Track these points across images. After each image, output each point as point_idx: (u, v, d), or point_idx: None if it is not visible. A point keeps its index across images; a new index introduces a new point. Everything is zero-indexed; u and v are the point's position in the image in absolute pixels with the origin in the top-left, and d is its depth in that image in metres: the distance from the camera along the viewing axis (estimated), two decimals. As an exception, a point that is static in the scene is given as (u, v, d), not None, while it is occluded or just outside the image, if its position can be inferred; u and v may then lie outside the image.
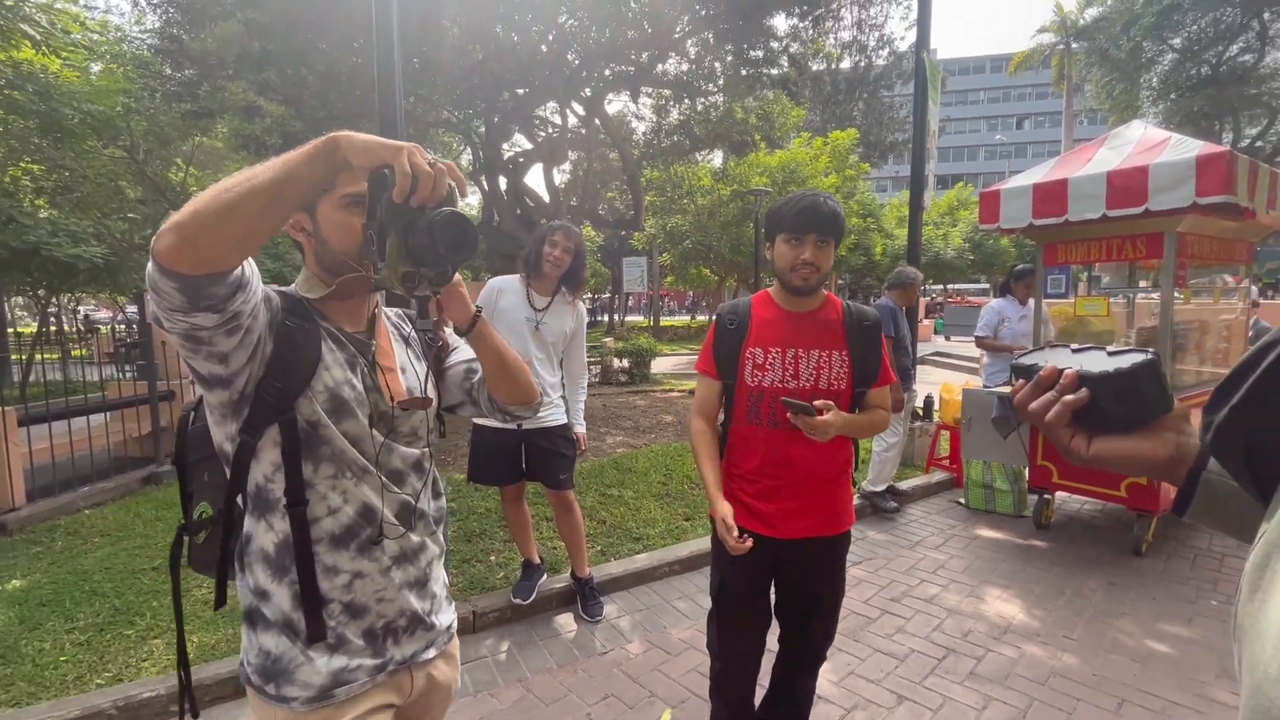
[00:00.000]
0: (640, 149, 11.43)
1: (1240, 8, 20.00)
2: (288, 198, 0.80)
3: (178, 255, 0.76)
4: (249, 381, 0.95)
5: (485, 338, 1.12)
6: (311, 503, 1.00)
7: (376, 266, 0.87)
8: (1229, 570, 3.53)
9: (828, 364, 1.73)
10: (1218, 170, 3.27)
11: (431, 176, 0.83)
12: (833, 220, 1.64)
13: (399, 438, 1.09)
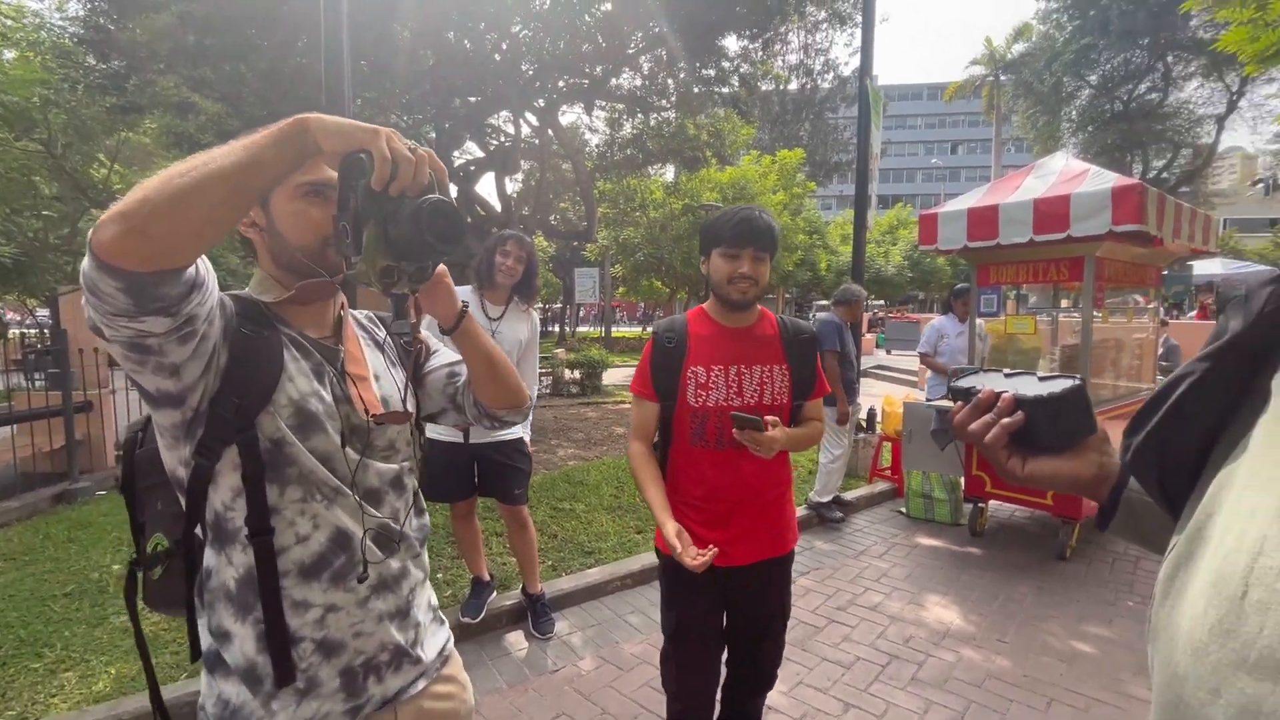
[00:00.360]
0: (594, 161, 11.47)
1: (1148, 50, 21.75)
2: (252, 184, 0.72)
3: (123, 248, 0.67)
4: (203, 398, 0.86)
5: (472, 336, 1.04)
6: (278, 530, 0.90)
7: (350, 261, 0.80)
8: (1143, 573, 3.78)
9: (770, 379, 1.71)
10: (1131, 201, 3.53)
11: (413, 162, 0.76)
12: (768, 234, 1.64)
13: (375, 453, 1.00)
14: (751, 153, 18.15)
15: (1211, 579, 0.40)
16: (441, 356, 1.17)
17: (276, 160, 0.72)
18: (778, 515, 1.77)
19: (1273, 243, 25.47)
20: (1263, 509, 0.38)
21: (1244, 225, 30.85)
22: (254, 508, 0.89)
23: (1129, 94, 22.91)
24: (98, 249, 0.68)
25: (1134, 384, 5.02)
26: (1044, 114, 25.78)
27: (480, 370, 1.08)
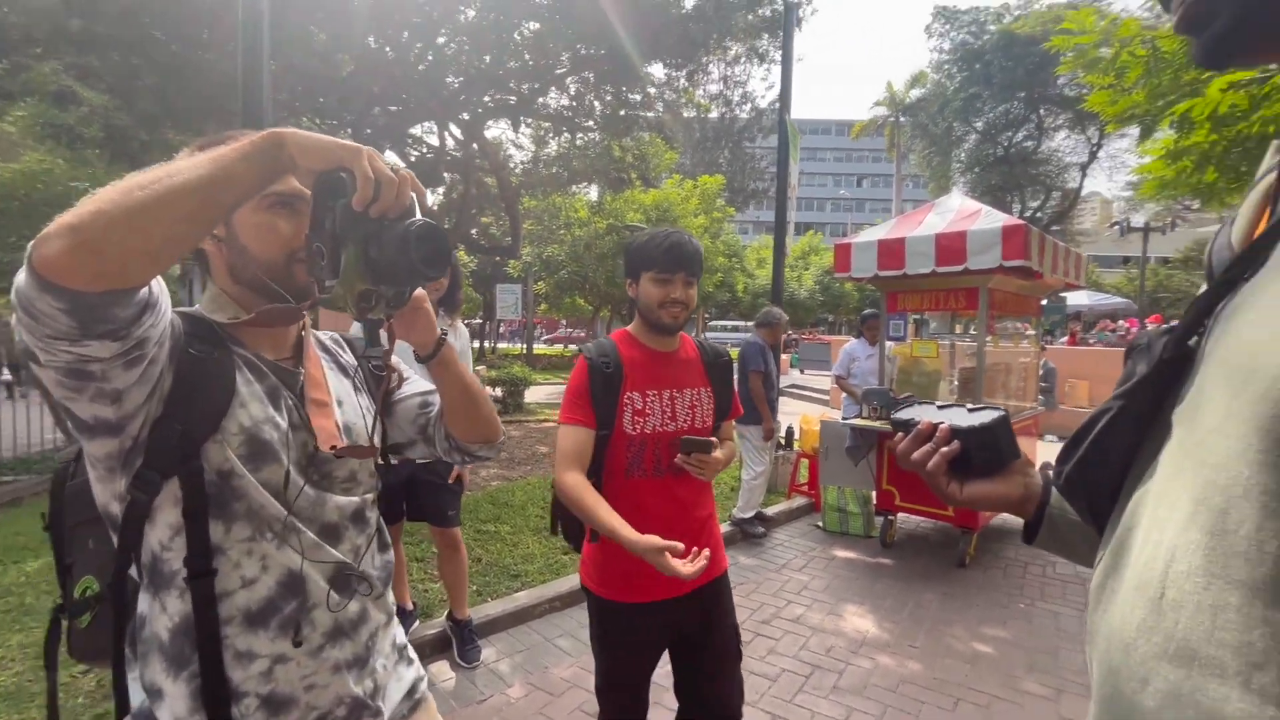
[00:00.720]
0: (519, 177, 11.40)
1: (1024, 103, 24.26)
2: (219, 200, 0.67)
3: (71, 265, 0.61)
4: (144, 425, 0.78)
5: (450, 365, 0.98)
6: (221, 572, 0.82)
7: (324, 284, 0.74)
8: (1031, 577, 4.14)
9: (698, 402, 1.71)
10: (1018, 239, 3.93)
11: (395, 183, 0.72)
12: (697, 258, 1.65)
13: (334, 484, 0.92)
14: (674, 176, 18.64)
15: (1134, 584, 0.47)
16: (413, 385, 1.11)
17: (247, 175, 0.67)
18: (710, 536, 1.73)
19: (1126, 277, 28.84)
20: (1172, 523, 0.45)
21: (1103, 261, 34.78)
22: (195, 547, 0.80)
23: (1009, 140, 25.47)
24: (40, 265, 0.61)
25: (1020, 403, 5.52)
26: (937, 154, 28.16)
27: (456, 401, 1.02)
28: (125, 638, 0.85)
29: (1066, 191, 26.36)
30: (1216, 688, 0.40)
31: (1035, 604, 3.72)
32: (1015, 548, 4.68)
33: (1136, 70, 3.74)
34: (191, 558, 0.80)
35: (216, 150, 0.67)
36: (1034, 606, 3.68)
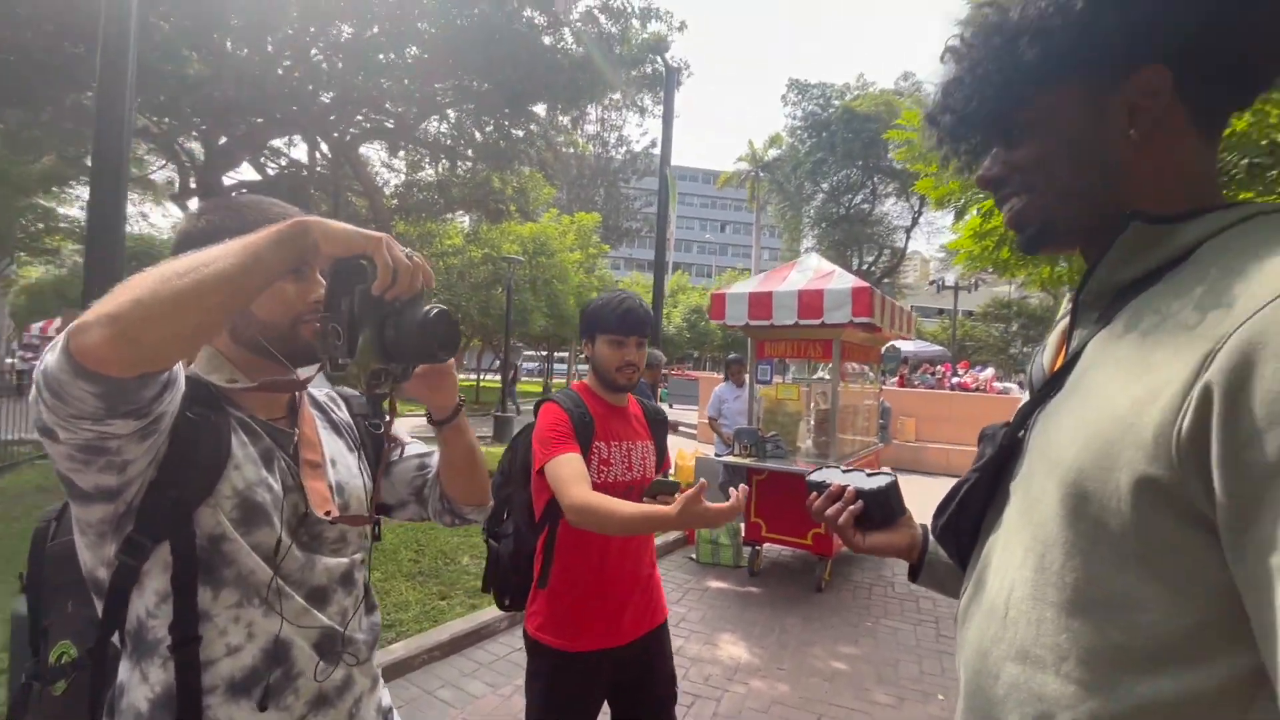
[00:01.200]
0: (392, 200, 10.95)
1: (862, 170, 27.58)
2: (251, 285, 0.69)
3: (109, 354, 0.62)
4: (139, 490, 0.77)
5: (464, 430, 0.98)
6: (207, 640, 0.80)
7: (338, 363, 0.77)
8: (875, 597, 4.65)
9: (647, 455, 1.81)
10: (864, 299, 4.52)
11: (410, 270, 0.75)
12: (648, 322, 1.75)
13: (324, 546, 0.91)
14: (552, 210, 18.85)
15: (987, 608, 0.66)
16: (414, 448, 1.12)
17: (275, 262, 0.70)
18: (655, 585, 1.80)
19: (940, 327, 33.39)
20: (1011, 563, 0.64)
21: (923, 312, 40.05)
22: (182, 613, 0.79)
23: (849, 202, 28.81)
24: (78, 353, 0.62)
25: (866, 439, 6.24)
26: (790, 209, 31.12)
27: (461, 464, 1.03)
28: (103, 707, 0.81)
29: (895, 249, 30.24)
30: (1040, 675, 0.58)
31: (880, 621, 4.19)
32: (862, 571, 5.23)
33: (953, 164, 4.54)
34: (178, 625, 0.79)
35: (245, 239, 0.70)
36: (879, 624, 4.15)
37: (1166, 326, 0.53)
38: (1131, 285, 0.61)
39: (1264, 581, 0.43)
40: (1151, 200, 0.60)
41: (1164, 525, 0.50)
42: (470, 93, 8.70)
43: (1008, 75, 0.63)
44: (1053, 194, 0.65)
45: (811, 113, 28.22)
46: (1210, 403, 0.46)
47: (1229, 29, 0.55)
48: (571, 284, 18.04)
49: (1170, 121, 0.59)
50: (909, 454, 10.67)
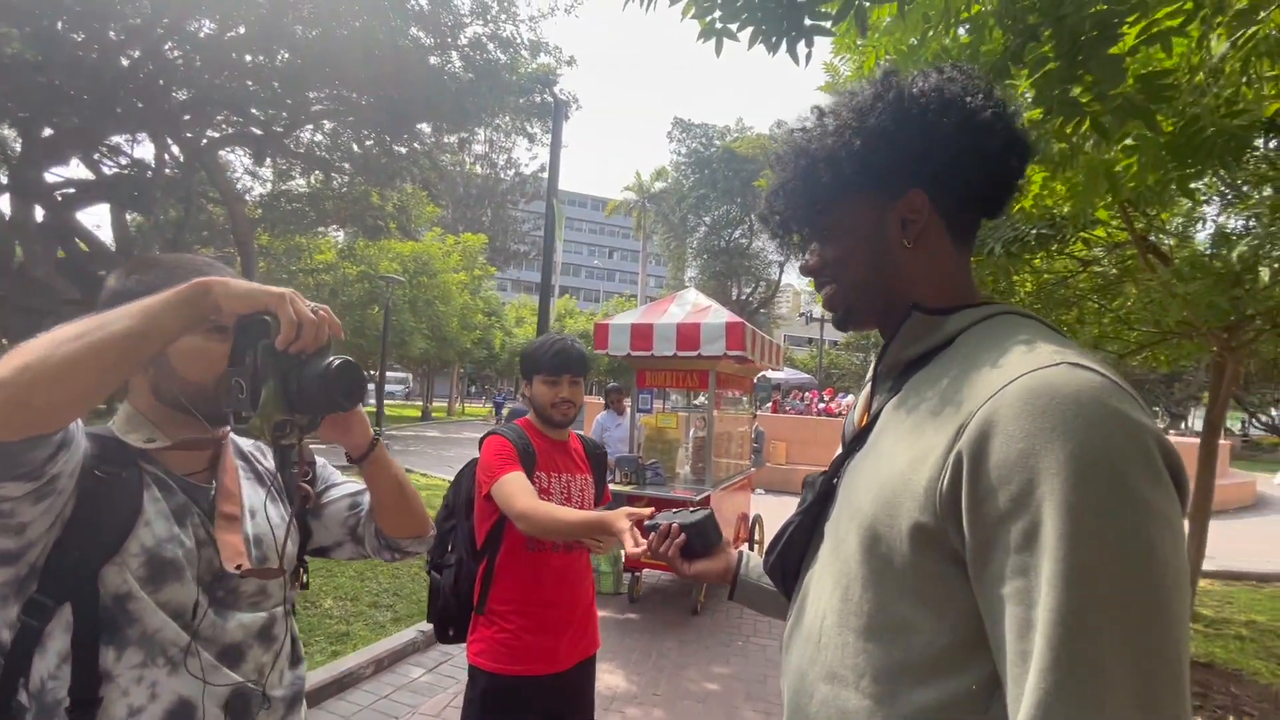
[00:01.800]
0: (255, 210, 10.11)
1: (740, 207, 29.29)
2: (145, 350, 0.70)
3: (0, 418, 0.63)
4: (42, 552, 0.76)
5: (383, 464, 0.99)
6: (108, 700, 0.77)
7: (241, 415, 0.79)
8: (747, 616, 4.90)
9: (586, 488, 1.91)
10: (737, 334, 4.84)
11: (314, 324, 0.78)
12: (581, 361, 1.85)
13: (241, 601, 0.89)
14: (435, 229, 18.26)
15: (804, 634, 0.77)
16: (342, 487, 1.10)
17: (173, 325, 0.71)
18: (589, 613, 1.86)
19: (810, 355, 36.00)
20: (824, 595, 0.76)
21: (794, 340, 43.02)
22: (81, 675, 0.77)
23: (729, 236, 30.51)
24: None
25: (740, 461, 6.58)
26: (675, 239, 32.39)
27: (389, 498, 1.03)
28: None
29: (770, 282, 32.33)
30: (844, 693, 0.68)
31: (750, 640, 4.42)
32: (735, 591, 5.49)
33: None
34: (76, 686, 0.77)
35: (143, 302, 0.70)
36: (749, 642, 4.38)
37: (933, 402, 0.66)
38: (914, 362, 0.75)
39: (996, 606, 0.56)
40: (923, 295, 0.76)
41: (931, 562, 0.61)
42: (349, 104, 8.30)
43: (812, 190, 0.78)
44: (851, 286, 0.81)
45: (695, 150, 29.74)
46: (960, 467, 0.57)
47: (959, 168, 0.73)
48: (455, 305, 17.51)
49: (933, 232, 0.75)
50: (780, 476, 11.35)
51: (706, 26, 1.95)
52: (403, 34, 7.15)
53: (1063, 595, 0.50)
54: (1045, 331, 0.68)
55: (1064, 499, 0.51)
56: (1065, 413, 0.54)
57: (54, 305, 7.04)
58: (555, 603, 1.75)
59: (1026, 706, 0.51)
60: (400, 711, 3.20)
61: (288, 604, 0.99)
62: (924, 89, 0.73)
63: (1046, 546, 0.52)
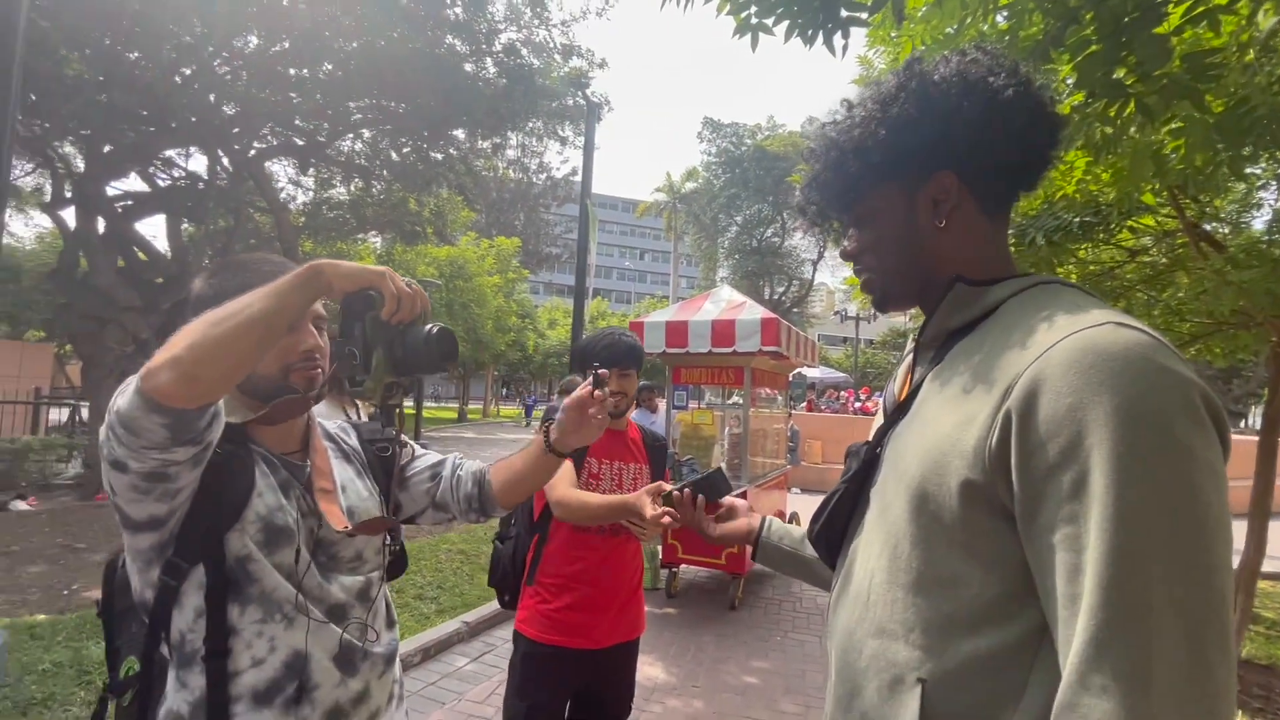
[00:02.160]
0: (299, 218, 10.48)
1: (772, 206, 29.03)
2: (280, 324, 0.80)
3: (176, 390, 0.75)
4: (178, 520, 0.88)
5: (560, 464, 1.14)
6: (234, 652, 0.89)
7: (356, 380, 0.89)
8: (785, 612, 4.89)
9: (640, 476, 1.98)
10: (772, 329, 4.83)
11: (411, 296, 0.87)
12: (631, 353, 1.92)
13: (341, 565, 1.00)
14: (470, 234, 18.60)
15: (852, 595, 0.80)
16: (425, 459, 1.19)
17: (299, 302, 0.82)
18: (633, 599, 1.92)
19: (845, 355, 35.47)
20: (873, 555, 0.78)
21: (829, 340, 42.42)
22: (213, 628, 0.88)
23: (761, 235, 30.25)
24: (155, 392, 0.75)
25: (775, 460, 6.56)
26: (706, 240, 32.25)
27: (532, 483, 1.18)
28: (154, 711, 0.92)
29: (803, 281, 31.94)
30: (894, 645, 0.71)
31: (788, 635, 4.42)
32: (773, 588, 5.48)
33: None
34: (210, 638, 0.88)
35: (271, 284, 0.81)
36: (787, 637, 4.37)
37: (978, 366, 0.68)
38: (956, 332, 0.77)
39: (1046, 555, 0.58)
40: (964, 268, 0.79)
41: (980, 517, 0.64)
42: (387, 113, 8.56)
43: (843, 180, 0.83)
44: (887, 269, 0.84)
45: (725, 149, 29.57)
46: (1010, 424, 0.60)
47: (985, 147, 0.76)
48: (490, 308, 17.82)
49: (964, 211, 0.78)
50: (815, 475, 11.24)
51: (741, 22, 1.98)
52: (439, 43, 7.35)
53: (1111, 538, 0.52)
54: (1089, 297, 0.70)
55: (1112, 448, 0.54)
56: (1112, 368, 0.56)
57: (115, 312, 7.43)
58: (597, 583, 1.82)
59: (1077, 645, 0.53)
60: (447, 698, 3.31)
61: (382, 570, 1.09)
62: (945, 74, 0.76)
63: (1095, 493, 0.54)
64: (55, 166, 8.18)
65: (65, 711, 2.78)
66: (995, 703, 0.63)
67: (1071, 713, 0.53)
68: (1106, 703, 0.51)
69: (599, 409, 1.11)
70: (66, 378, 15.57)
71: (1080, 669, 0.53)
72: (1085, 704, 0.52)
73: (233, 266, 1.01)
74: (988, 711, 0.63)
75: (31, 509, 6.62)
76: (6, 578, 4.49)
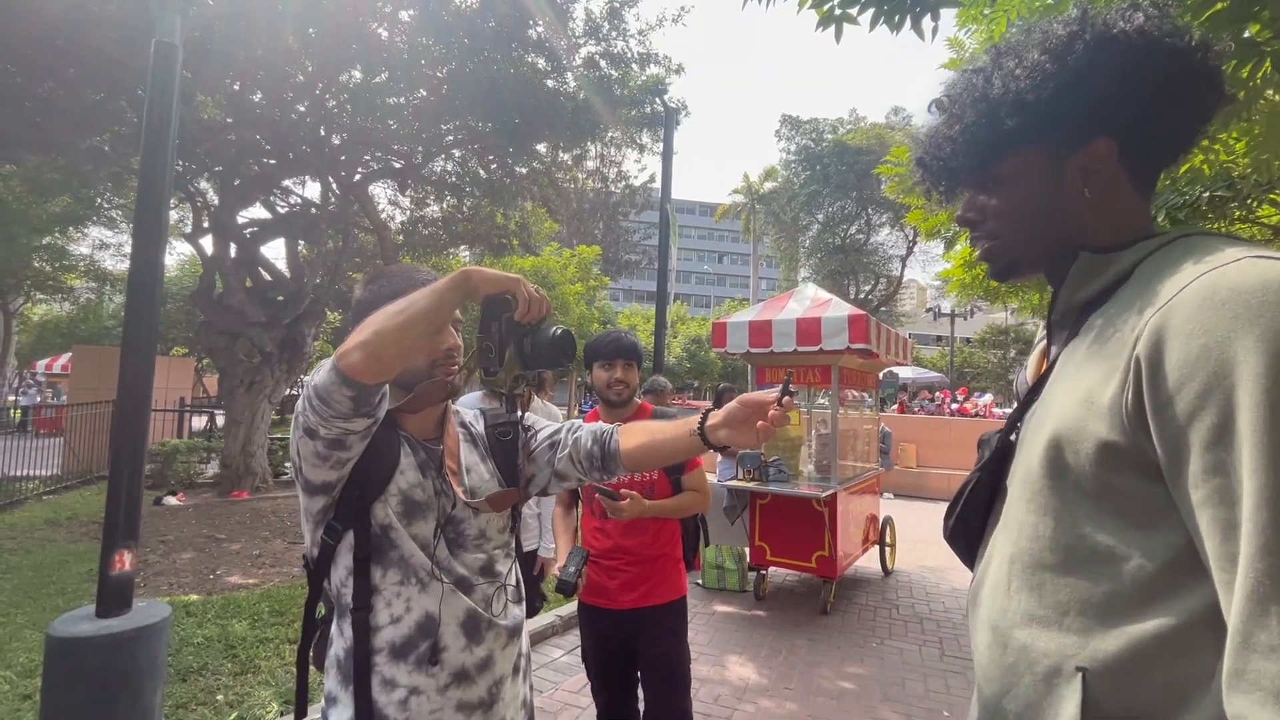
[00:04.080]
0: (398, 236, 11.23)
1: (855, 201, 28.06)
2: (440, 318, 0.96)
3: (364, 368, 0.91)
4: (341, 489, 1.03)
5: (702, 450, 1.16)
6: (375, 609, 1.02)
7: (490, 371, 1.03)
8: (880, 619, 4.71)
9: None
10: (860, 326, 4.70)
11: (539, 301, 1.02)
12: (632, 348, 2.17)
13: (467, 542, 1.12)
14: (553, 244, 19.20)
15: (992, 586, 0.73)
16: (545, 430, 1.28)
17: (453, 301, 0.97)
18: (658, 572, 2.16)
19: (940, 354, 33.62)
20: (1010, 542, 0.71)
21: (920, 339, 40.39)
22: (359, 586, 1.02)
23: (844, 232, 29.27)
24: (348, 369, 0.91)
25: (864, 464, 6.34)
26: (786, 240, 31.58)
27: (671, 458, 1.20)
28: (322, 650, 1.10)
29: (891, 278, 30.59)
30: (1046, 634, 0.64)
31: (885, 642, 4.26)
32: (866, 594, 5.29)
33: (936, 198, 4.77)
34: (356, 594, 1.02)
35: (431, 286, 0.97)
36: (884, 644, 4.21)
37: (1106, 327, 0.64)
38: (1089, 303, 0.71)
39: (1197, 516, 0.53)
40: (1096, 239, 0.72)
41: (1128, 482, 0.59)
42: (475, 133, 9.01)
43: (987, 136, 0.74)
44: (1017, 239, 0.78)
45: (805, 146, 28.87)
46: (1140, 374, 0.56)
47: (1157, 115, 0.69)
48: (573, 315, 18.30)
49: (1115, 182, 0.72)
50: (910, 479, 10.73)
51: (824, 15, 1.97)
52: (522, 62, 7.67)
53: (1265, 484, 0.48)
54: (1232, 241, 0.63)
55: (1256, 385, 0.49)
56: (1248, 301, 0.52)
57: (244, 327, 8.25)
58: (613, 554, 2.15)
59: (1238, 603, 0.49)
60: (544, 687, 3.44)
61: (508, 549, 1.20)
62: (1126, 29, 0.67)
63: (1242, 437, 0.50)
64: (195, 201, 9.20)
65: (216, 679, 3.13)
66: (1172, 693, 0.56)
67: (1240, 679, 0.48)
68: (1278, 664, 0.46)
69: (775, 419, 1.02)
70: (204, 388, 17.42)
71: (1244, 629, 0.48)
72: (1255, 669, 0.47)
73: (384, 276, 1.18)
74: (1164, 704, 0.56)
75: (180, 504, 7.46)
76: (164, 562, 5.10)
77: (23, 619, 3.86)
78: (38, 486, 8.08)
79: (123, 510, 2.60)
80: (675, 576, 2.21)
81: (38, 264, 15.84)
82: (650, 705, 2.14)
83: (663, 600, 2.15)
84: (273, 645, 3.50)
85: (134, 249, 2.81)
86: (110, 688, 2.40)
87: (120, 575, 2.56)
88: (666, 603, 2.16)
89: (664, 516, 2.16)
